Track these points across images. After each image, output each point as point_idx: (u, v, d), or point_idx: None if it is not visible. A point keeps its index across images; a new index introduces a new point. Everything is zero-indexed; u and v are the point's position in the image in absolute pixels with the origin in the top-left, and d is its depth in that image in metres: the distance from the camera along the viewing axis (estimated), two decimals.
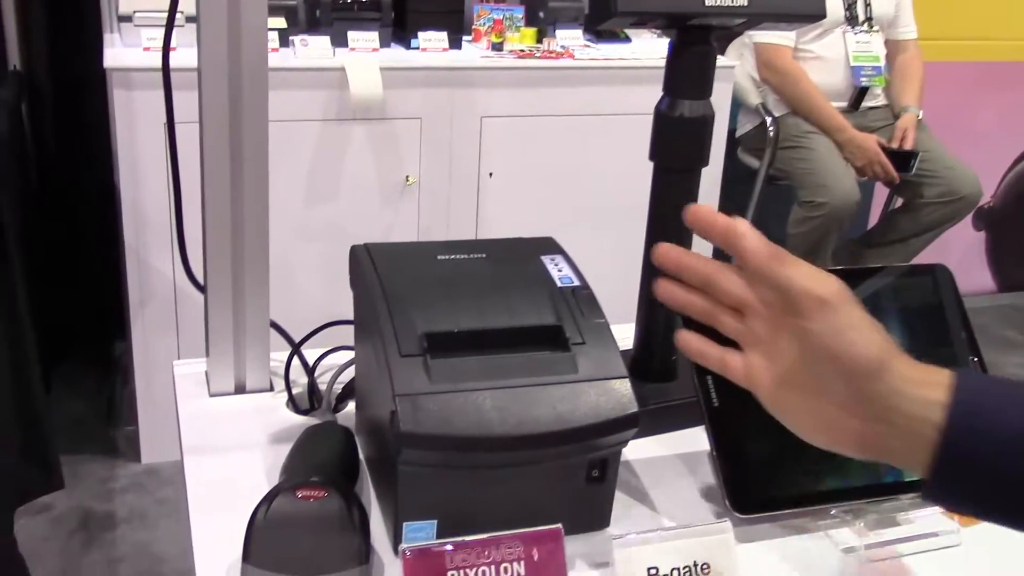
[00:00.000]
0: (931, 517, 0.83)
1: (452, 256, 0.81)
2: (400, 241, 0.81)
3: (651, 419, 0.92)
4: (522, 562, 0.62)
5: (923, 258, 3.02)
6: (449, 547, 0.60)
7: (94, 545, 2.15)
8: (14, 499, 1.75)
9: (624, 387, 0.73)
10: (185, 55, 2.20)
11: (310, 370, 0.94)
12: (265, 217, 0.88)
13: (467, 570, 0.60)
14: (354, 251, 0.83)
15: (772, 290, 0.61)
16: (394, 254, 0.81)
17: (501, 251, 0.83)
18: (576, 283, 0.79)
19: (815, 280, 0.61)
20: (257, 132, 0.85)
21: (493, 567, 0.60)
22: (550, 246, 0.85)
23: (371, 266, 0.78)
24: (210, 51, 0.83)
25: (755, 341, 0.63)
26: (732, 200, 2.78)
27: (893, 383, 0.60)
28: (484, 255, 0.82)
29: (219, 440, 0.86)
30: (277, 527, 0.68)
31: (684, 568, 0.70)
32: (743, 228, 0.62)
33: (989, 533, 0.63)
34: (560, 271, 0.81)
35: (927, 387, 0.60)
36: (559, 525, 0.64)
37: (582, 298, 0.78)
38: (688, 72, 0.86)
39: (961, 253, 3.54)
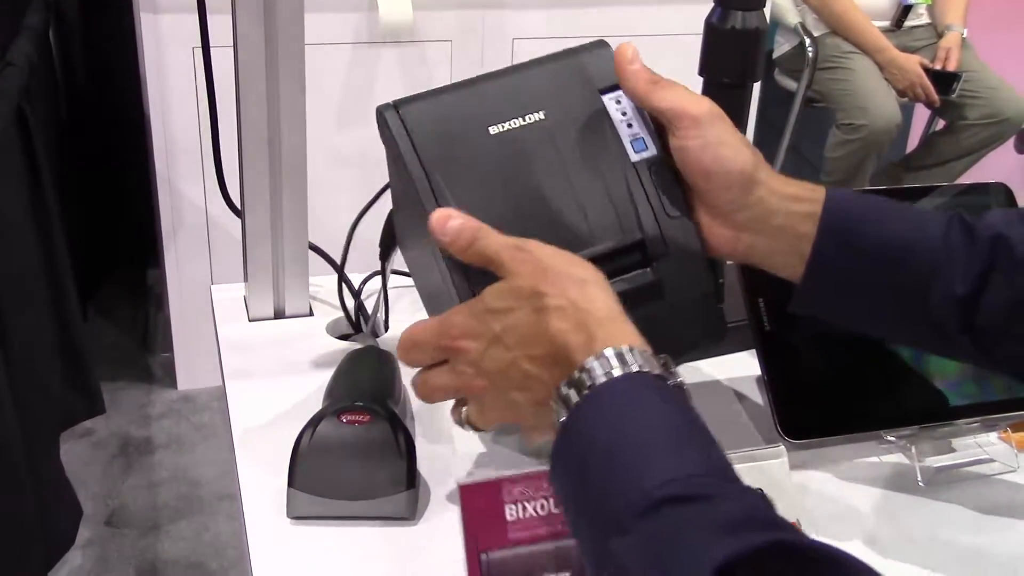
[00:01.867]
0: (988, 445, 0.81)
1: (506, 127, 0.68)
2: (437, 94, 0.70)
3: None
4: None
5: (964, 181, 2.96)
6: (506, 480, 0.59)
7: (134, 469, 2.18)
8: (58, 424, 1.77)
9: (712, 311, 0.70)
10: None
11: (356, 293, 0.92)
12: (303, 139, 0.85)
13: (524, 503, 0.59)
14: (382, 117, 0.71)
15: (652, 114, 0.68)
16: (436, 130, 0.68)
17: (557, 103, 0.69)
18: (649, 151, 0.69)
19: (688, 100, 0.66)
20: (293, 52, 0.82)
21: (551, 500, 0.59)
22: (604, 63, 0.70)
23: (411, 148, 0.68)
24: None
25: None
26: (768, 122, 2.72)
27: (765, 196, 0.66)
28: (542, 115, 0.68)
29: (260, 366, 0.85)
30: (322, 452, 0.67)
31: None
32: (631, 53, 0.67)
33: None
34: (629, 126, 0.69)
35: (799, 201, 0.66)
36: None
37: (660, 178, 0.68)
38: None
39: (1003, 177, 3.45)
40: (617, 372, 0.54)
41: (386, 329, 0.92)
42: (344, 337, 0.90)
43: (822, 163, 2.89)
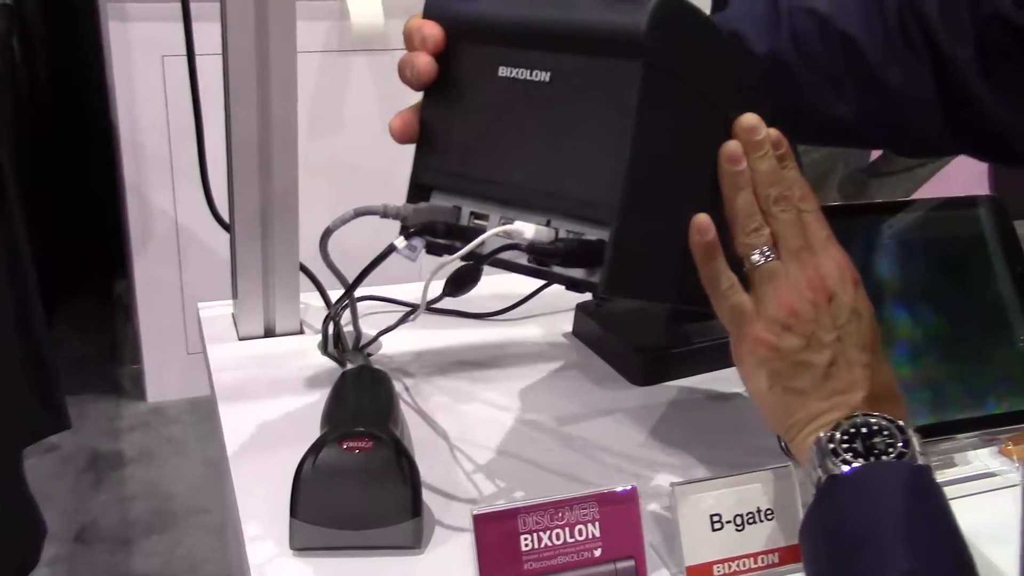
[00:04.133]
0: (989, 458, 0.81)
1: (516, 72, 0.61)
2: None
3: (698, 358, 0.90)
4: (596, 523, 0.59)
5: (926, 189, 2.99)
6: (522, 510, 0.57)
7: (104, 484, 2.14)
8: (21, 439, 1.73)
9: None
10: None
11: (335, 317, 0.90)
12: (294, 151, 0.84)
13: (540, 533, 0.57)
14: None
15: None
16: (454, 43, 0.63)
17: (569, 64, 0.60)
18: None
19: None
20: (285, 59, 0.80)
21: (567, 529, 0.58)
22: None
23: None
24: None
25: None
26: None
27: None
28: (549, 75, 0.60)
29: (252, 386, 0.83)
30: (324, 480, 0.65)
31: (747, 514, 0.67)
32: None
33: None
34: None
35: None
36: (634, 486, 0.62)
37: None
38: None
39: (967, 182, 3.51)
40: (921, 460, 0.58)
41: (359, 346, 0.89)
42: (333, 354, 0.88)
43: None
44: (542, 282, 1.00)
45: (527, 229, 0.59)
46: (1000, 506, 0.77)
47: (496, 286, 1.02)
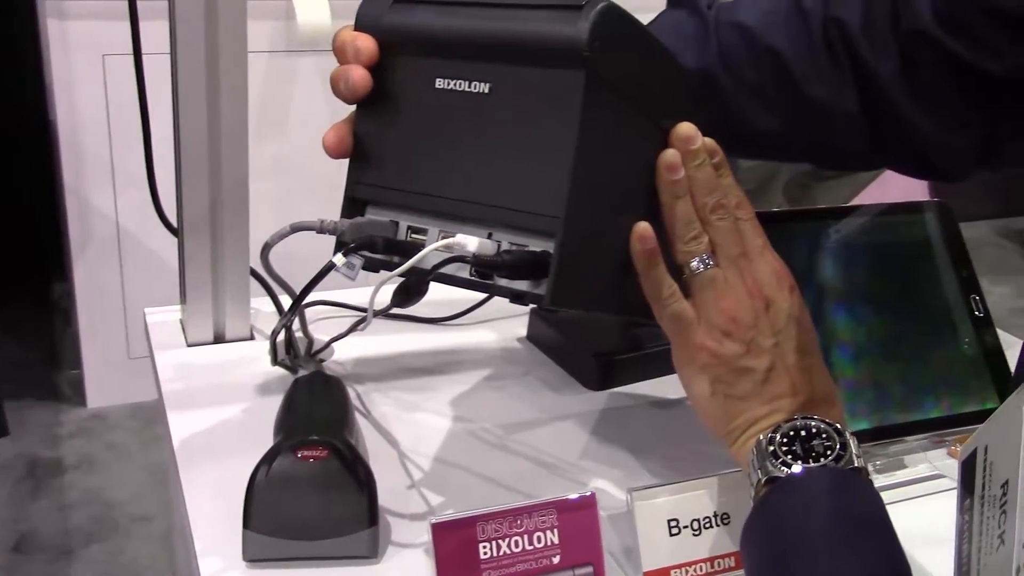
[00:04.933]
0: (937, 460, 0.82)
1: (453, 83, 0.60)
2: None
3: (653, 362, 0.90)
4: (555, 530, 0.59)
5: (868, 192, 3.03)
6: (480, 518, 0.57)
7: (43, 492, 2.09)
8: None
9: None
10: None
11: (287, 325, 0.89)
12: (244, 154, 0.82)
13: (499, 540, 0.57)
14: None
15: None
16: (388, 55, 0.62)
17: (509, 74, 0.59)
18: None
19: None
20: (235, 61, 0.79)
21: (526, 536, 0.57)
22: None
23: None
24: None
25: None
26: None
27: None
28: (488, 86, 0.59)
29: (202, 393, 0.81)
30: (278, 490, 0.64)
31: (704, 519, 0.67)
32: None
33: None
34: None
35: None
36: (593, 492, 0.61)
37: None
38: None
39: (907, 186, 3.56)
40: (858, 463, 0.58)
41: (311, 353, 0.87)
42: (285, 362, 0.87)
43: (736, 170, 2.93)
44: None
45: (470, 242, 0.58)
46: (948, 509, 0.78)
47: (450, 291, 1.01)
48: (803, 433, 0.59)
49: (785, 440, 0.59)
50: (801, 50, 0.72)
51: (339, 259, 0.62)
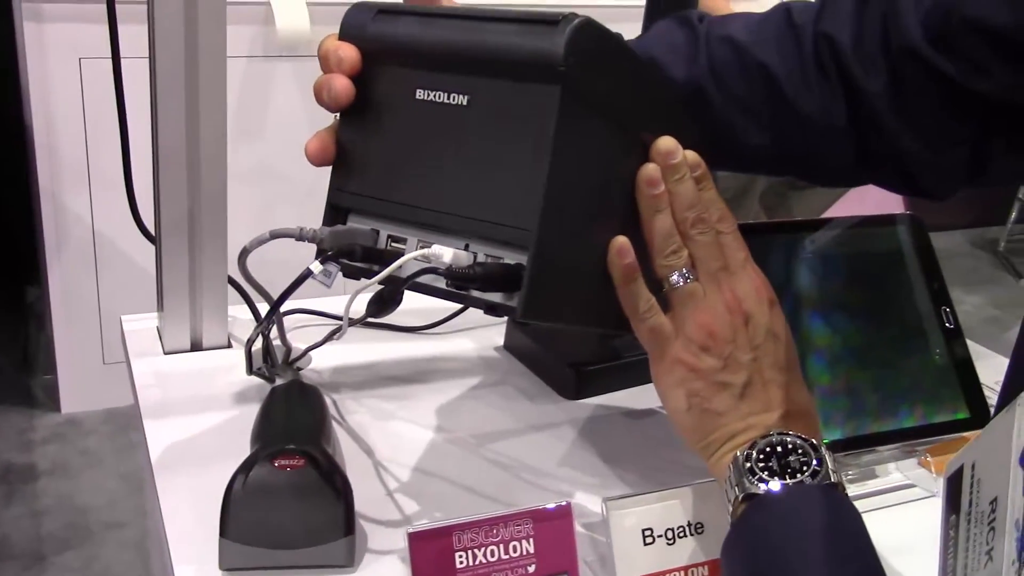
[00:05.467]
0: (908, 470, 0.83)
1: (433, 95, 0.60)
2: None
3: (630, 372, 0.90)
4: (531, 539, 0.60)
5: (844, 202, 3.05)
6: (456, 527, 0.57)
7: (15, 498, 2.07)
8: None
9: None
10: None
11: (265, 332, 0.89)
12: (223, 160, 0.82)
13: (475, 550, 0.57)
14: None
15: None
16: (371, 64, 0.62)
17: (487, 88, 0.59)
18: None
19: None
20: (215, 65, 0.79)
21: (502, 545, 0.58)
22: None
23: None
24: None
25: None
26: None
27: None
28: (467, 98, 0.59)
29: (179, 401, 0.81)
30: (255, 499, 0.64)
31: (678, 528, 0.68)
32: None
33: None
34: None
35: None
36: (568, 501, 0.62)
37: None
38: None
39: (878, 199, 3.58)
40: (834, 478, 0.58)
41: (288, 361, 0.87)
42: (262, 371, 0.87)
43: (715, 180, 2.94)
44: None
45: (445, 253, 0.59)
46: (919, 518, 0.79)
47: (427, 300, 1.01)
48: (779, 449, 0.60)
49: (762, 456, 0.59)
50: (791, 66, 0.72)
51: (316, 266, 0.62)
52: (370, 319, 0.73)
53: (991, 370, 0.92)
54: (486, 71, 0.58)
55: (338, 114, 0.64)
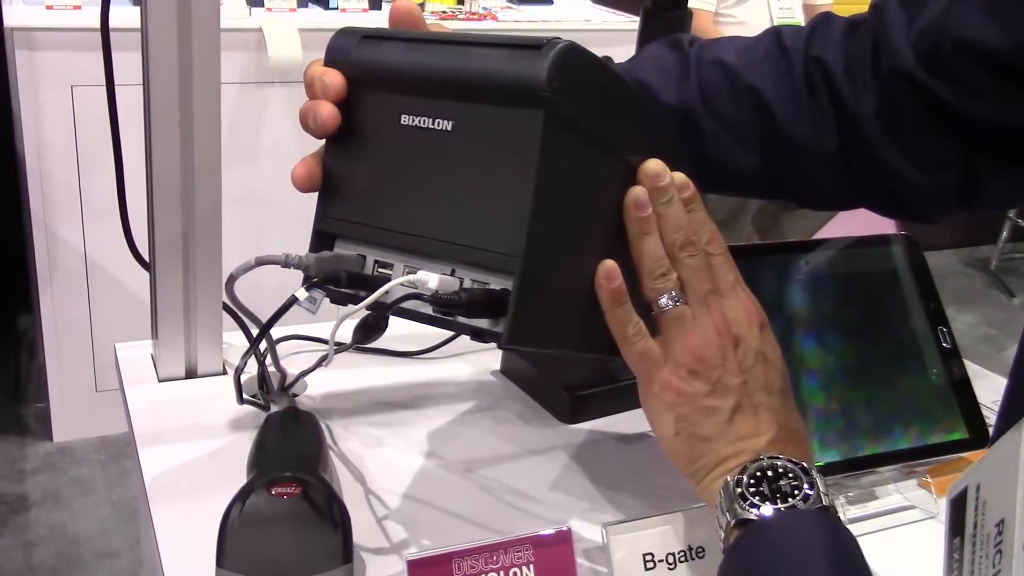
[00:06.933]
0: (908, 491, 0.82)
1: (418, 120, 0.60)
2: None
3: (626, 395, 0.90)
4: (531, 566, 0.59)
5: (836, 222, 3.07)
6: (456, 554, 0.56)
7: (7, 528, 2.05)
8: None
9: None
10: (89, 13, 2.09)
11: (275, 353, 0.88)
12: (218, 187, 0.82)
13: None
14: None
15: None
16: (356, 90, 0.62)
17: (472, 113, 0.59)
18: None
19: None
20: (209, 91, 0.78)
21: (502, 572, 0.57)
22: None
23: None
24: (157, 10, 0.76)
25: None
26: None
27: None
28: (451, 124, 0.59)
29: (173, 429, 0.81)
30: (252, 528, 0.63)
31: (680, 552, 0.67)
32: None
33: None
34: None
35: None
36: (568, 527, 0.61)
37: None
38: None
39: (870, 220, 3.58)
40: (825, 501, 0.57)
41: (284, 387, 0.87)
42: (256, 398, 0.86)
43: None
44: None
45: (431, 279, 0.58)
46: (920, 539, 0.79)
47: (421, 325, 1.01)
48: (770, 473, 0.59)
49: (752, 481, 0.59)
50: (782, 89, 0.72)
51: (301, 293, 0.62)
52: (360, 345, 0.73)
53: (986, 390, 0.92)
54: (470, 96, 0.58)
55: (325, 140, 0.64)
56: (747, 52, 0.74)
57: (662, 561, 0.66)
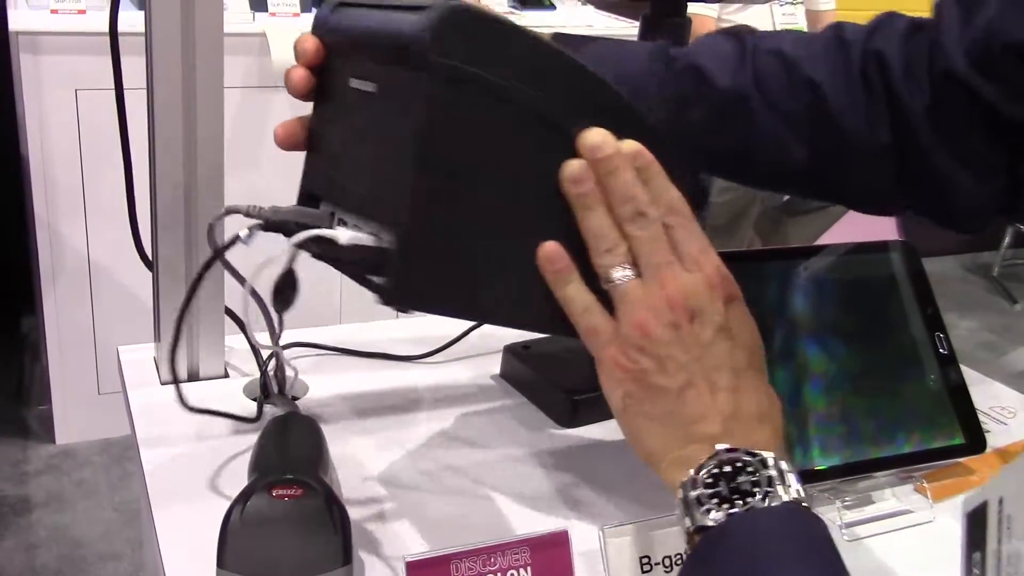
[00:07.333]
0: (905, 496, 0.83)
1: (358, 83, 0.62)
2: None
3: None
4: (528, 568, 0.59)
5: (837, 229, 3.07)
6: (454, 556, 0.57)
7: (9, 531, 2.06)
8: None
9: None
10: (93, 17, 2.10)
11: (263, 366, 0.89)
12: (220, 192, 0.83)
13: None
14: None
15: None
16: (330, 56, 0.66)
17: (384, 75, 0.60)
18: None
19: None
20: (213, 96, 0.79)
21: (500, 574, 0.58)
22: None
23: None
24: (161, 14, 0.77)
25: None
26: None
27: None
28: (374, 86, 0.61)
29: (175, 432, 0.81)
30: (253, 529, 0.64)
31: (676, 556, 0.68)
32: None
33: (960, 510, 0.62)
34: None
35: None
36: (566, 529, 0.62)
37: None
38: None
39: (870, 226, 3.60)
40: (787, 495, 0.55)
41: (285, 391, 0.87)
42: (258, 400, 0.87)
43: (708, 207, 2.96)
44: (469, 324, 1.00)
45: (341, 235, 0.59)
46: (916, 543, 0.79)
47: (423, 328, 1.02)
48: (728, 469, 0.56)
49: (710, 480, 0.56)
50: (839, 83, 0.71)
51: (244, 232, 0.66)
52: (368, 349, 0.73)
53: (985, 395, 0.93)
54: (384, 59, 0.59)
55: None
56: (806, 44, 0.74)
57: (659, 564, 0.67)
